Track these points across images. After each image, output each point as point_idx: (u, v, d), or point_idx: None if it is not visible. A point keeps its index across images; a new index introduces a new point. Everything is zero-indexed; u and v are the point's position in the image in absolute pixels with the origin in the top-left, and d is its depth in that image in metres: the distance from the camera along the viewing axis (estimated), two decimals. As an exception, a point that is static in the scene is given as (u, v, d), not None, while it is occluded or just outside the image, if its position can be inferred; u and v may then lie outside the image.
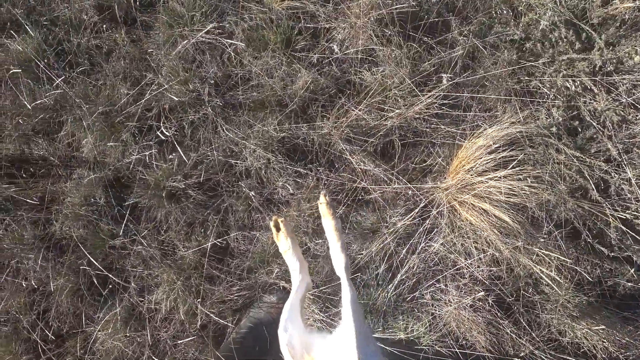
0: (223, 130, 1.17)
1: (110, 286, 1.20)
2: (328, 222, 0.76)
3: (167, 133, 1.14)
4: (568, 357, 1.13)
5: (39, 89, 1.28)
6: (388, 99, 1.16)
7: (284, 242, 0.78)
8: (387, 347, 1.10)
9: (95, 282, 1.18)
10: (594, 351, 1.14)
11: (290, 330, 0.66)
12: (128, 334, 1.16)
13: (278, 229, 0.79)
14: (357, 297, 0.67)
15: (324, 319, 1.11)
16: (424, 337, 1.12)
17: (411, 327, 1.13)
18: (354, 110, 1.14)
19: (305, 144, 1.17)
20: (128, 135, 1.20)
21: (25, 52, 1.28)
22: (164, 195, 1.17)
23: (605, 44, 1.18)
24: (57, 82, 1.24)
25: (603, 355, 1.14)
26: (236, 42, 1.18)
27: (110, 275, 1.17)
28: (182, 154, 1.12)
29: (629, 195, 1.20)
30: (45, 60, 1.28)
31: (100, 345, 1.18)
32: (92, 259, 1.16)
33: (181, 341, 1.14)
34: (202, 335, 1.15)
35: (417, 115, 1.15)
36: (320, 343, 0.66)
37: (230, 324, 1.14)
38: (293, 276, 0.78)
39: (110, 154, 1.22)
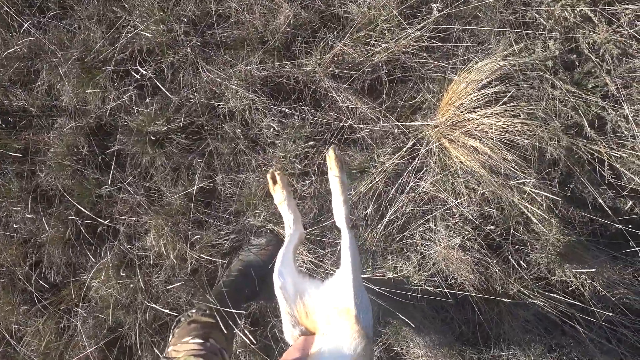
0: (204, 72, 1.12)
1: (99, 235, 1.20)
2: (334, 175, 0.76)
3: (144, 72, 1.09)
4: (556, 295, 1.14)
5: (10, 37, 1.22)
6: (375, 33, 1.10)
7: (279, 194, 0.80)
8: (375, 287, 1.11)
9: (84, 231, 1.18)
10: (582, 289, 1.15)
11: (285, 276, 0.69)
12: (120, 281, 1.17)
13: (275, 182, 0.81)
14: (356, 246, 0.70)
15: (312, 260, 1.12)
16: (413, 276, 1.13)
17: (400, 267, 1.14)
18: (338, 45, 1.09)
19: (289, 82, 1.12)
20: (106, 80, 1.16)
21: (-7, -3, 1.22)
22: (147, 140, 1.14)
23: (608, -31, 1.11)
24: (25, 26, 1.18)
25: (591, 293, 1.15)
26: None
27: (101, 221, 1.16)
28: (167, 93, 1.07)
29: (625, 133, 1.17)
30: (14, 7, 1.22)
31: (95, 293, 1.19)
32: (80, 208, 1.15)
33: (172, 286, 1.15)
34: (192, 280, 1.16)
35: (406, 50, 1.10)
36: (312, 289, 0.70)
37: (220, 268, 1.15)
38: (287, 227, 0.81)
39: (90, 101, 1.18)
